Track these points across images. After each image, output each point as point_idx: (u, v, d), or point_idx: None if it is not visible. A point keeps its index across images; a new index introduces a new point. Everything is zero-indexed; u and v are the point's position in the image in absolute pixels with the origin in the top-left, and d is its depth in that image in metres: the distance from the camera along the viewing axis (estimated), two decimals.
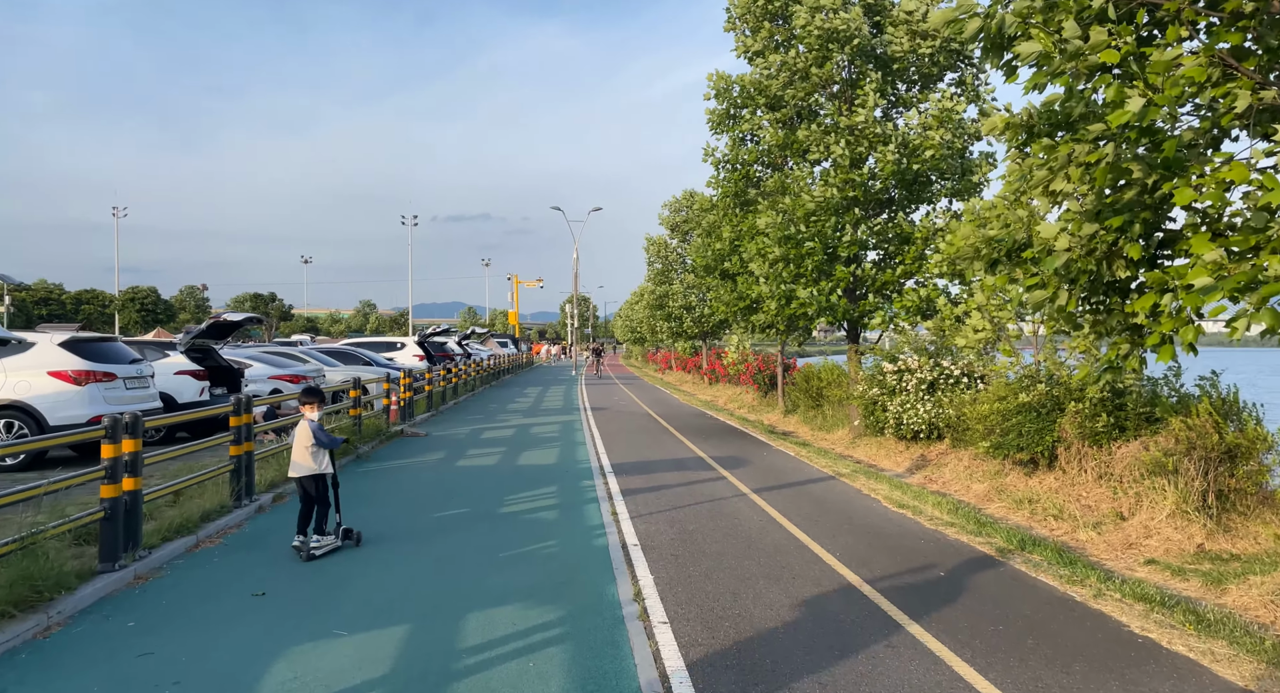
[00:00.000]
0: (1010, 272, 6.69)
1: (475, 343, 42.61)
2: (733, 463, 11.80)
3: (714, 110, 15.93)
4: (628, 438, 14.85)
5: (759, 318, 15.05)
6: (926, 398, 12.52)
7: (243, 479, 7.81)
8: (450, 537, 7.14)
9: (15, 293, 78.37)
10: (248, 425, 8.01)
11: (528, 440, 14.31)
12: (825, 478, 10.66)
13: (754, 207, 16.13)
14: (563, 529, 7.48)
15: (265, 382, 16.19)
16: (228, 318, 13.69)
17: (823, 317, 14.38)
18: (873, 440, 13.97)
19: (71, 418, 10.45)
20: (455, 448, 13.17)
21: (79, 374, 10.63)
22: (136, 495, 5.80)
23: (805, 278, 14.22)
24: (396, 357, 26.36)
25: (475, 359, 30.87)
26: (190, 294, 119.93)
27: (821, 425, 17.01)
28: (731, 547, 6.88)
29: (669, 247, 33.11)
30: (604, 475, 10.54)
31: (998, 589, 5.77)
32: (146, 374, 11.79)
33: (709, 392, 29.08)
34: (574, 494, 9.22)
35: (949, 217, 14.35)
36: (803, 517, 8.15)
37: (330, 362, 20.34)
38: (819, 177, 14.78)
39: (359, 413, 12.57)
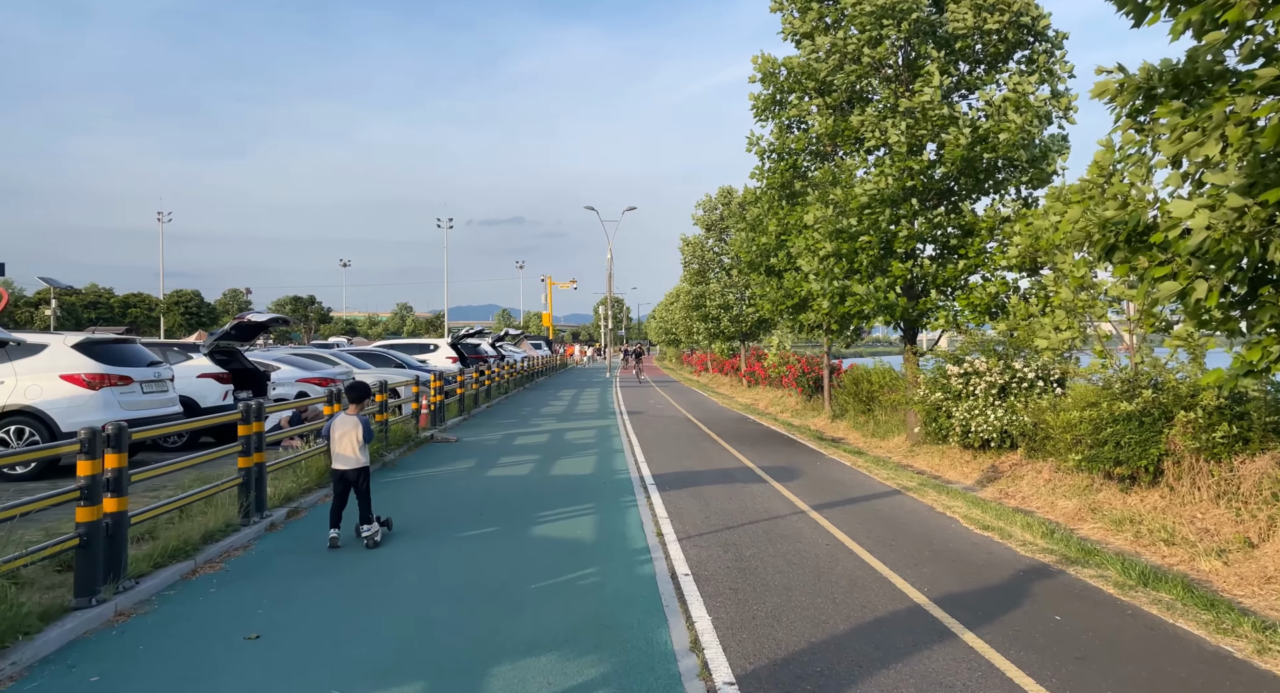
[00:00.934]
0: (1132, 259, 5.67)
1: (509, 345, 42.08)
2: (785, 474, 10.84)
3: (759, 96, 14.99)
4: (667, 445, 13.96)
5: (808, 317, 14.06)
6: (998, 403, 11.43)
7: (252, 494, 7.09)
8: (477, 563, 6.32)
9: (65, 297, 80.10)
10: (259, 435, 7.30)
11: (562, 447, 13.50)
12: (890, 492, 9.66)
13: (801, 199, 15.14)
14: (603, 554, 6.62)
15: (293, 385, 15.63)
16: (252, 319, 13.12)
17: (880, 316, 13.35)
18: (934, 449, 12.90)
19: (84, 424, 9.80)
20: (486, 456, 12.41)
21: (92, 378, 10.06)
22: (120, 519, 5.07)
23: (860, 274, 13.20)
24: (429, 359, 25.82)
25: (509, 361, 30.24)
26: (233, 297, 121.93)
27: (874, 432, 15.95)
28: (798, 578, 5.96)
29: (705, 246, 32.16)
30: (645, 488, 9.67)
31: (1137, 642, 4.76)
32: (165, 377, 11.22)
33: (748, 395, 28.07)
34: (613, 511, 8.36)
35: (1018, 206, 13.23)
36: (874, 540, 7.18)
37: (361, 364, 19.78)
38: (873, 165, 13.75)
39: (386, 418, 11.87)
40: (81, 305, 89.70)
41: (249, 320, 13.08)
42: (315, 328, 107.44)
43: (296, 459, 8.75)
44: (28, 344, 10.13)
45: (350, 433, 6.87)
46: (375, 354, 21.94)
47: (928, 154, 13.20)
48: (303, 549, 6.61)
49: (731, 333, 31.11)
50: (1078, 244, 5.82)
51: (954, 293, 13.42)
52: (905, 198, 13.14)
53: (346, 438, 6.86)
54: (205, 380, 12.87)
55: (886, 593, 5.64)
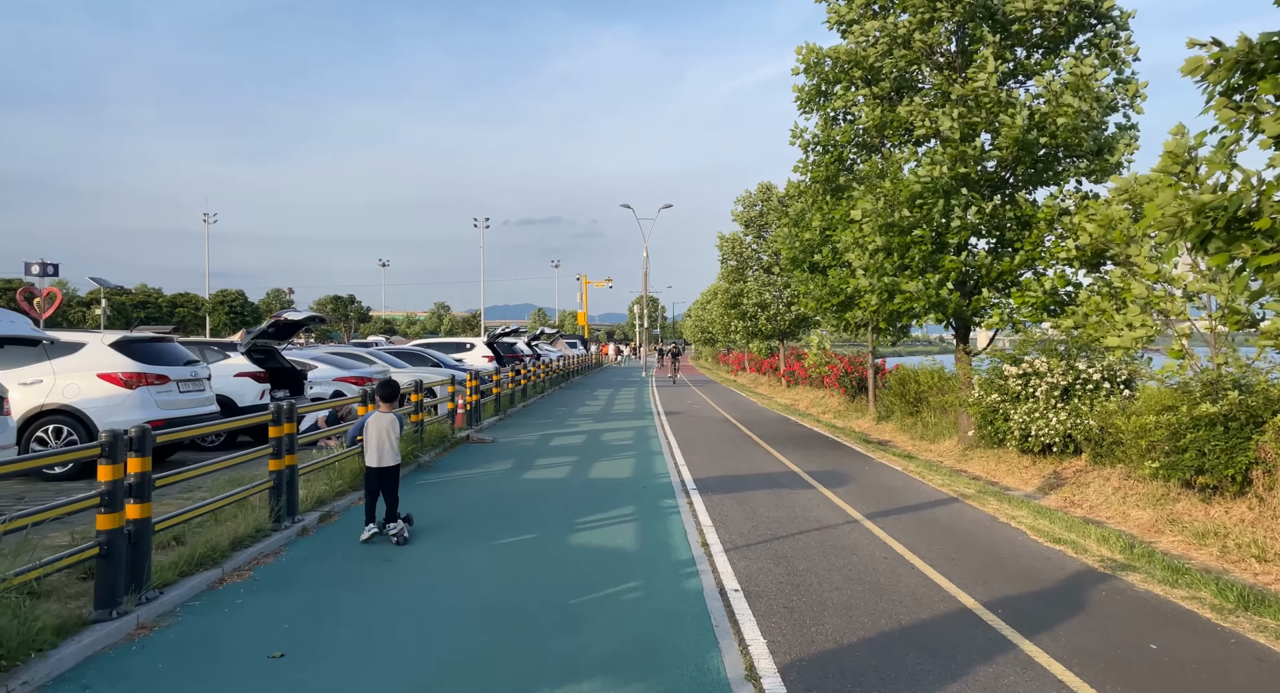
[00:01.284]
0: (1230, 248, 5.12)
1: (544, 344, 41.97)
2: (832, 479, 10.36)
3: (803, 87, 14.49)
4: (707, 447, 13.54)
5: (855, 314, 13.53)
6: (1060, 406, 10.81)
7: (283, 498, 6.85)
8: (513, 573, 5.99)
9: (116, 297, 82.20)
10: (290, 437, 7.06)
11: (599, 449, 13.16)
12: (947, 500, 9.13)
13: (847, 193, 14.60)
14: (645, 564, 6.25)
15: (330, 384, 15.55)
16: (288, 317, 13.01)
17: (931, 314, 12.77)
18: (989, 453, 12.30)
19: (121, 423, 9.76)
20: (522, 457, 12.12)
21: (130, 376, 9.98)
22: (143, 526, 4.83)
23: (911, 270, 12.64)
24: (466, 358, 25.72)
25: (544, 360, 30.06)
26: (276, 297, 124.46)
27: (923, 435, 15.34)
28: (858, 596, 5.51)
29: (743, 243, 31.61)
30: (686, 493, 9.28)
31: (1248, 677, 4.25)
32: (202, 376, 11.13)
33: (788, 395, 27.49)
34: (655, 517, 7.98)
35: (1079, 197, 12.54)
36: (936, 554, 6.69)
37: (397, 363, 19.69)
38: (924, 155, 13.17)
39: (421, 418, 11.64)
40: (131, 305, 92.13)
41: (285, 319, 12.98)
42: (355, 327, 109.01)
43: (330, 461, 8.53)
44: (66, 343, 10.09)
45: (387, 431, 7.00)
46: (412, 353, 21.87)
47: (980, 142, 12.58)
48: (334, 557, 6.35)
49: (769, 332, 30.54)
50: (1168, 230, 5.27)
51: (1009, 289, 12.79)
52: (958, 187, 12.54)
53: (384, 436, 6.97)
54: (242, 379, 12.79)
55: (957, 615, 5.17)
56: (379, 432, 6.97)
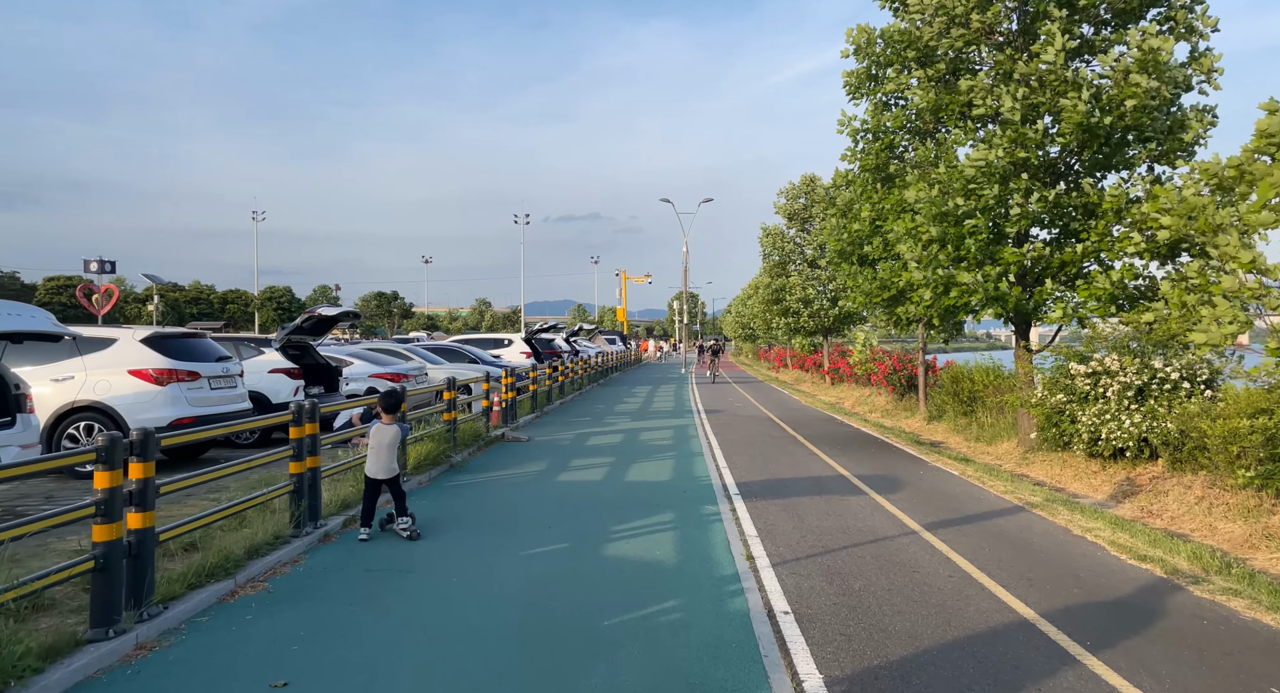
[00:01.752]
0: None
1: (583, 340, 41.69)
2: (885, 484, 9.74)
3: (852, 71, 13.80)
4: (750, 448, 12.98)
5: (907, 310, 12.82)
6: (1134, 407, 10.02)
7: (304, 502, 6.51)
8: (543, 589, 5.55)
9: (170, 293, 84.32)
10: (312, 437, 6.73)
11: (637, 449, 12.70)
12: (1012, 509, 8.45)
13: (899, 181, 13.88)
14: (685, 581, 5.76)
15: (365, 380, 15.34)
16: (323, 313, 12.79)
17: (989, 308, 12.01)
18: (1053, 457, 11.52)
19: (151, 421, 9.61)
20: (558, 457, 11.71)
21: (160, 373, 9.81)
22: (145, 537, 4.49)
23: (968, 261, 11.91)
24: (503, 354, 25.50)
25: (583, 356, 29.72)
26: (323, 293, 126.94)
27: (978, 436, 14.56)
28: (924, 622, 4.95)
29: (786, 237, 30.81)
30: (729, 498, 8.75)
31: None
32: (234, 373, 10.94)
33: (831, 393, 26.72)
34: (695, 525, 7.48)
35: (1148, 182, 11.67)
36: (1008, 572, 6.07)
37: (435, 359, 19.49)
38: (981, 140, 12.40)
39: (454, 417, 11.30)
40: (185, 301, 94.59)
41: (320, 315, 12.76)
42: (398, 323, 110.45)
43: (358, 461, 8.19)
44: (98, 338, 9.97)
45: (390, 444, 6.89)
46: (449, 349, 21.68)
47: (1042, 125, 11.77)
48: (354, 566, 5.98)
49: (812, 328, 29.74)
50: None
51: (1074, 282, 11.97)
52: (1016, 173, 11.76)
53: (383, 448, 6.86)
54: (276, 376, 12.61)
55: (1040, 647, 4.57)
56: (379, 444, 6.87)
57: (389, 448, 6.86)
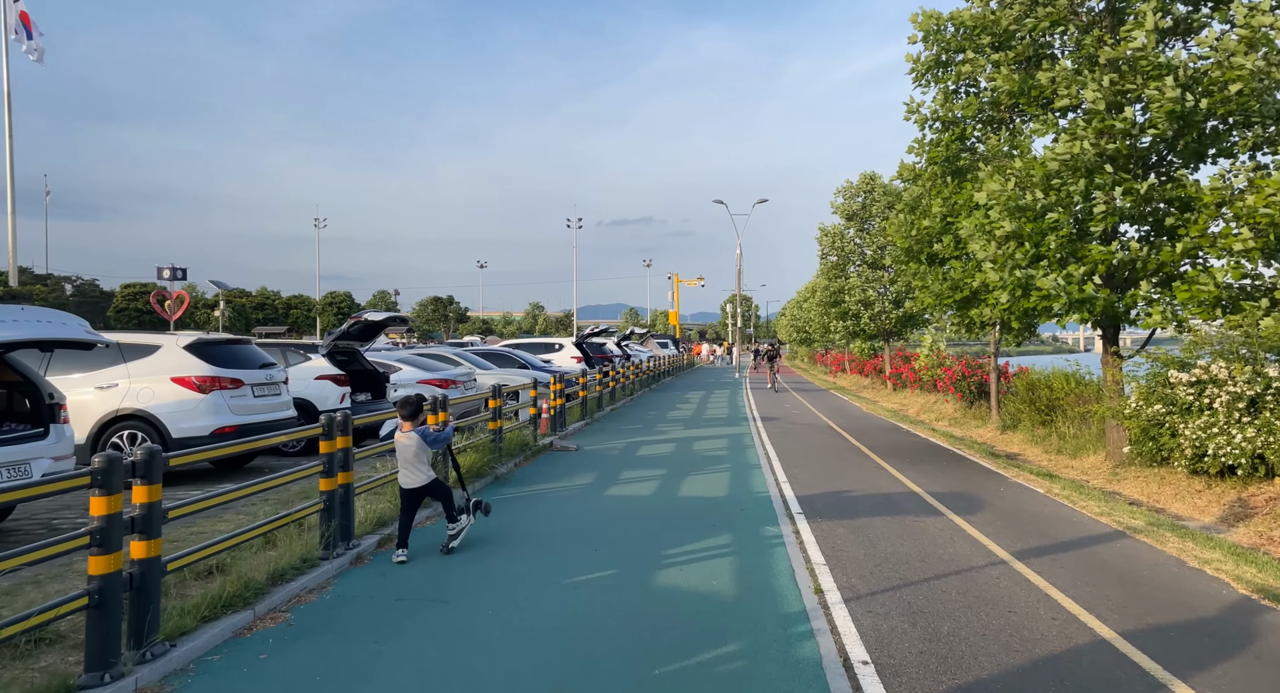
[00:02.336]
0: None
1: (635, 344, 41.21)
2: (963, 503, 8.91)
3: (919, 57, 12.96)
4: (811, 460, 12.23)
5: (981, 313, 11.90)
6: (1246, 420, 8.98)
7: (334, 522, 6.09)
8: (586, 624, 4.99)
9: (238, 299, 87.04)
10: (345, 451, 6.31)
11: (691, 460, 12.07)
12: (1112, 535, 7.56)
13: (971, 174, 12.98)
14: (746, 619, 5.12)
15: (413, 386, 15.07)
16: (369, 318, 12.52)
17: (1073, 313, 11.03)
18: (1148, 473, 10.50)
19: (194, 430, 9.43)
20: (607, 469, 11.17)
21: (203, 380, 9.60)
22: (150, 567, 4.08)
23: (1048, 261, 10.96)
24: (554, 358, 25.16)
25: (634, 361, 29.22)
26: (381, 298, 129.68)
27: (1059, 448, 13.51)
28: (1030, 680, 4.21)
29: (845, 237, 29.77)
30: (790, 517, 8.07)
31: None
32: (278, 380, 10.71)
33: (894, 399, 25.62)
34: (755, 550, 6.82)
35: (1252, 170, 10.55)
36: (1120, 613, 5.27)
37: (484, 364, 19.21)
38: (1063, 130, 11.45)
39: (500, 425, 10.85)
40: (251, 307, 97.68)
41: (366, 319, 12.50)
42: (453, 327, 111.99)
43: (395, 474, 7.76)
44: (142, 345, 9.82)
45: (411, 453, 6.55)
46: (499, 354, 21.40)
47: (1131, 113, 10.75)
48: (384, 594, 5.51)
49: (873, 332, 28.64)
50: None
51: (1170, 283, 10.91)
52: (1102, 165, 10.77)
53: (410, 457, 6.57)
54: (323, 382, 12.39)
55: None
56: (401, 456, 6.59)
57: (413, 458, 6.52)
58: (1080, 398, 14.53)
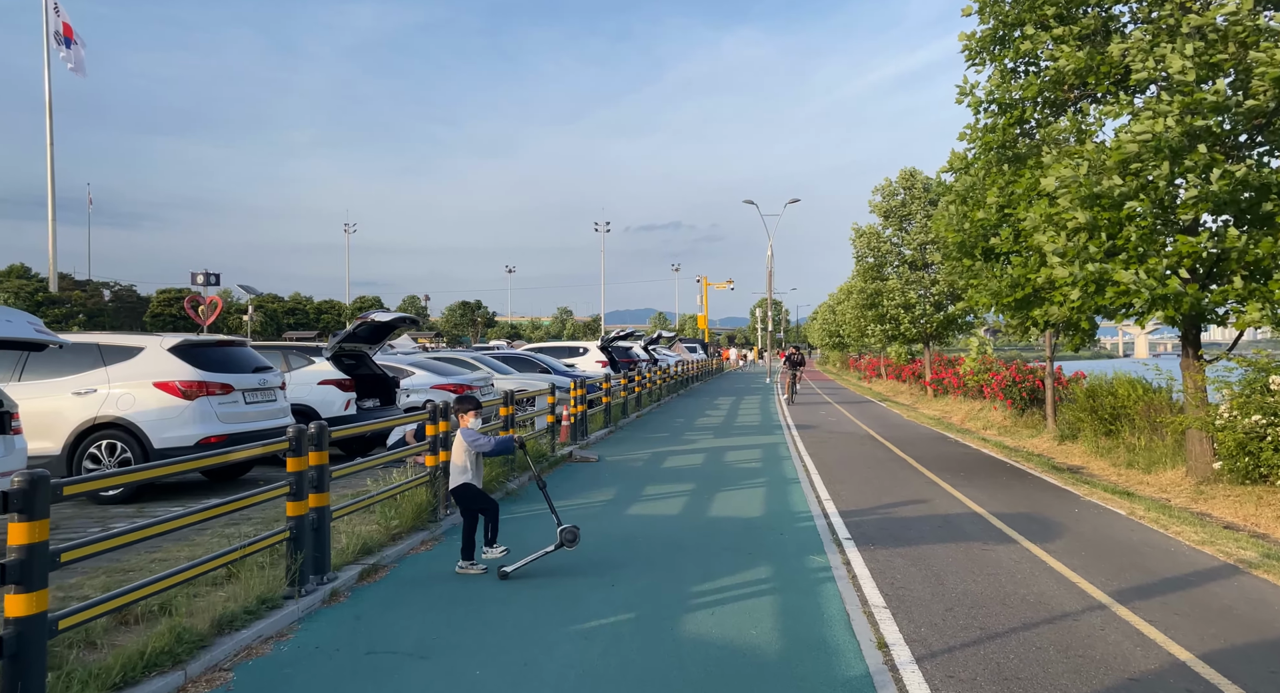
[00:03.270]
0: None
1: (662, 347, 40.22)
2: (1035, 527, 7.76)
3: (973, 34, 11.85)
4: (854, 473, 11.12)
5: (1047, 312, 10.70)
6: None
7: (303, 553, 5.17)
8: (598, 687, 3.99)
9: (269, 304, 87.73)
10: (319, 469, 5.40)
11: (722, 474, 11.02)
12: (1222, 570, 6.38)
13: (1033, 160, 11.81)
14: (795, 687, 4.09)
15: (426, 391, 14.24)
16: (377, 319, 11.69)
17: (1155, 310, 9.82)
18: (1242, 491, 9.25)
19: (177, 440, 8.63)
20: (629, 483, 10.17)
21: (188, 386, 8.80)
22: (31, 626, 3.16)
23: (1128, 253, 9.77)
24: (578, 363, 24.26)
25: (662, 365, 28.22)
26: (411, 303, 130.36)
27: (1128, 461, 12.23)
28: None
29: (881, 237, 28.48)
30: (838, 545, 7.01)
31: None
32: (273, 385, 9.89)
33: (935, 406, 24.30)
34: (800, 587, 5.78)
35: None
36: (1274, 685, 4.15)
37: (503, 369, 18.34)
38: (1142, 108, 10.25)
39: (514, 433, 9.91)
40: (282, 312, 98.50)
41: (374, 320, 11.67)
42: (481, 332, 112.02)
43: (387, 493, 6.84)
44: (124, 347, 9.05)
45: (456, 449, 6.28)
46: (520, 358, 20.54)
47: (1223, 84, 9.53)
48: (355, 644, 4.57)
49: (913, 336, 27.31)
50: None
51: (1266, 277, 9.65)
52: (1191, 145, 9.56)
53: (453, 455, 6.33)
54: (327, 388, 11.58)
55: None
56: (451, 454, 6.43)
57: (458, 458, 6.19)
58: (1150, 406, 13.23)
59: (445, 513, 7.53)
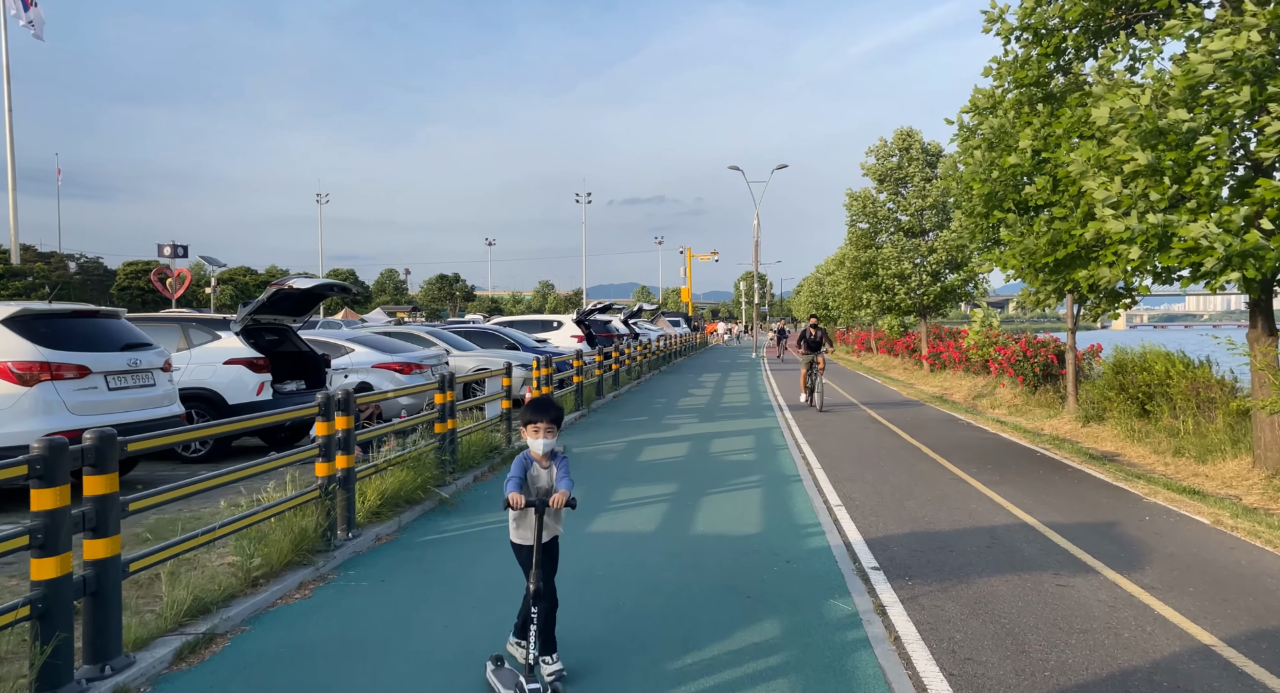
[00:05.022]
0: None
1: (644, 322, 38.40)
2: (1105, 545, 6.06)
3: None
4: (864, 468, 9.40)
5: (1097, 273, 8.93)
6: None
7: (51, 644, 3.30)
8: None
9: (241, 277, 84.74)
10: (102, 502, 3.52)
11: (708, 470, 9.26)
12: None
13: (1069, 100, 10.01)
14: None
15: (367, 371, 12.35)
16: (295, 286, 9.72)
17: (1232, 270, 8.09)
18: None
19: (10, 438, 6.71)
20: (598, 484, 8.39)
21: (24, 368, 6.86)
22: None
23: (1198, 200, 8.03)
24: (552, 338, 22.39)
25: (643, 340, 26.41)
26: (389, 277, 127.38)
27: (1174, 448, 10.61)
28: None
29: (876, 202, 26.66)
30: (864, 581, 5.27)
31: None
32: (151, 366, 7.96)
33: (933, 382, 22.71)
34: (826, 662, 4.02)
35: None
36: None
37: (465, 345, 16.45)
38: (1213, 19, 8.46)
39: (452, 427, 8.05)
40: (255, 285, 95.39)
41: (291, 287, 9.70)
42: (460, 306, 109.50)
43: (248, 519, 4.97)
44: None
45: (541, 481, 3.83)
46: (485, 333, 18.63)
47: None
48: None
49: (908, 307, 25.64)
50: None
51: None
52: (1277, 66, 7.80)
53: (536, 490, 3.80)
54: (234, 368, 9.66)
55: None
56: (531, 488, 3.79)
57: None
58: (1195, 384, 11.61)
59: (345, 537, 5.70)
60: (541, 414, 3.72)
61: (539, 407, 3.75)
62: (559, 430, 3.81)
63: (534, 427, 3.72)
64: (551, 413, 3.75)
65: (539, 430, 3.71)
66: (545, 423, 3.72)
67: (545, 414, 3.73)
